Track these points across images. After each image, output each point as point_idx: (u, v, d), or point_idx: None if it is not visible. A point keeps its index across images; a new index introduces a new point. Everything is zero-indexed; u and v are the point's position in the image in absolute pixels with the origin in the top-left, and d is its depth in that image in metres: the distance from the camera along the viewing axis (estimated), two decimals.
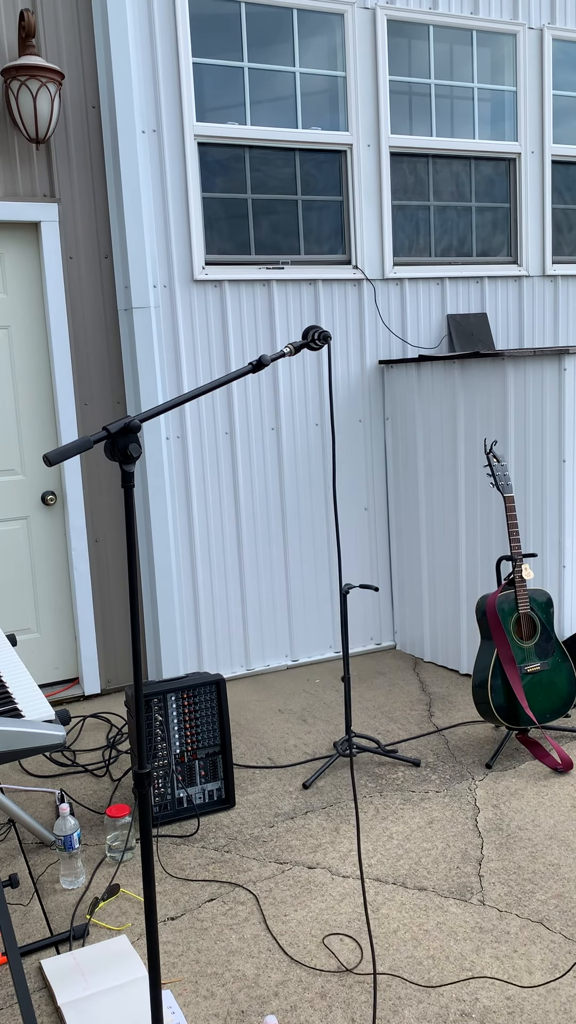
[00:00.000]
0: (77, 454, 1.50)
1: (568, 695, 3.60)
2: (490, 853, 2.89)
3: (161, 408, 1.62)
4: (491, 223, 5.16)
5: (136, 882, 2.85)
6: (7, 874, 2.91)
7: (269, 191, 4.52)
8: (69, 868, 2.82)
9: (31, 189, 4.10)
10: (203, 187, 4.34)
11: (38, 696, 2.26)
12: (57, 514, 4.39)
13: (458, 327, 4.98)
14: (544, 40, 5.08)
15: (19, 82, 3.81)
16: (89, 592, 4.40)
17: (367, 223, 4.72)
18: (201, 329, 4.37)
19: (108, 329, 4.31)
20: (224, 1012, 2.25)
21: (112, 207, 4.21)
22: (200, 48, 4.26)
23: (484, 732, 3.82)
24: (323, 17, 4.52)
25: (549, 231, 5.27)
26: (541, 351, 3.89)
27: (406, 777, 3.45)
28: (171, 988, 2.35)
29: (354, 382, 4.78)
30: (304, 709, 4.19)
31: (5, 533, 4.30)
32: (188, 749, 3.17)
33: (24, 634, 4.38)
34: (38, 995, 2.35)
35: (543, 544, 4.05)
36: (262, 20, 4.38)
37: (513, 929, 2.51)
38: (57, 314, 4.18)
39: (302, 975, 2.37)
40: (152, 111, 4.15)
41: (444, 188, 4.98)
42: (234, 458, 4.51)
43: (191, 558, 4.48)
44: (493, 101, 5.07)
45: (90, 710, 4.29)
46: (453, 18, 4.82)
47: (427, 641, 4.76)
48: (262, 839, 3.06)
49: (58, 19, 4.05)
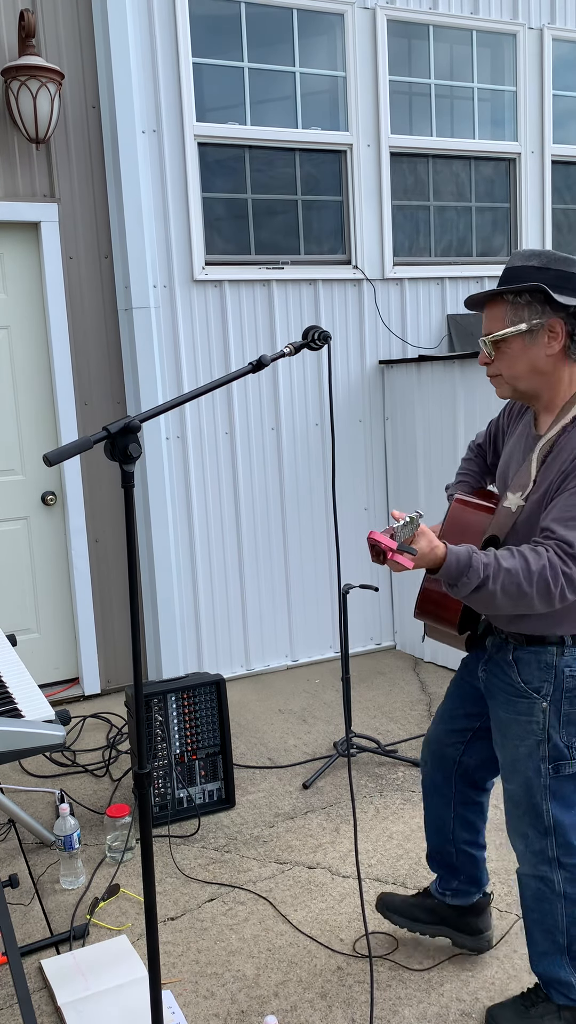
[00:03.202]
0: (77, 454, 1.49)
1: None
2: (490, 853, 2.89)
3: (161, 408, 1.62)
4: (491, 223, 5.16)
5: (136, 882, 2.85)
6: (7, 874, 2.91)
7: (269, 191, 4.52)
8: (69, 868, 2.82)
9: (31, 189, 4.10)
10: (203, 187, 4.33)
11: (38, 696, 2.26)
12: (57, 514, 4.39)
13: (458, 327, 4.98)
14: (544, 40, 5.08)
15: (19, 82, 3.81)
16: (89, 592, 4.40)
17: (367, 223, 4.72)
18: (201, 329, 4.37)
19: (108, 329, 4.31)
20: (224, 1012, 2.25)
21: (112, 207, 4.21)
22: (200, 48, 4.26)
23: None
24: (323, 17, 4.52)
25: (549, 231, 5.27)
26: None
27: (406, 777, 3.44)
28: (171, 988, 2.35)
29: (354, 382, 4.78)
30: (304, 709, 4.19)
31: (5, 533, 4.30)
32: (188, 749, 3.17)
33: (24, 634, 4.38)
34: (38, 995, 2.35)
35: None
36: (262, 20, 4.38)
37: (513, 929, 2.51)
38: (57, 314, 4.18)
39: (302, 975, 2.37)
40: (152, 111, 4.15)
41: (444, 188, 4.98)
42: (234, 458, 4.51)
43: (191, 558, 4.47)
44: (493, 101, 5.07)
45: (90, 710, 4.29)
46: (453, 18, 4.82)
47: (427, 641, 4.76)
48: (262, 839, 3.06)
49: (58, 19, 4.05)
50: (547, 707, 1.91)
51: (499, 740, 2.03)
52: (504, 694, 1.99)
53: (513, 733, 1.97)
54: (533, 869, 2.01)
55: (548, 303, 1.81)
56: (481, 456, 2.25)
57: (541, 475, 1.86)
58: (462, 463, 2.28)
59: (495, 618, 1.98)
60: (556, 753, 1.92)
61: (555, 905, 1.99)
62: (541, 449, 1.88)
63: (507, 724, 1.98)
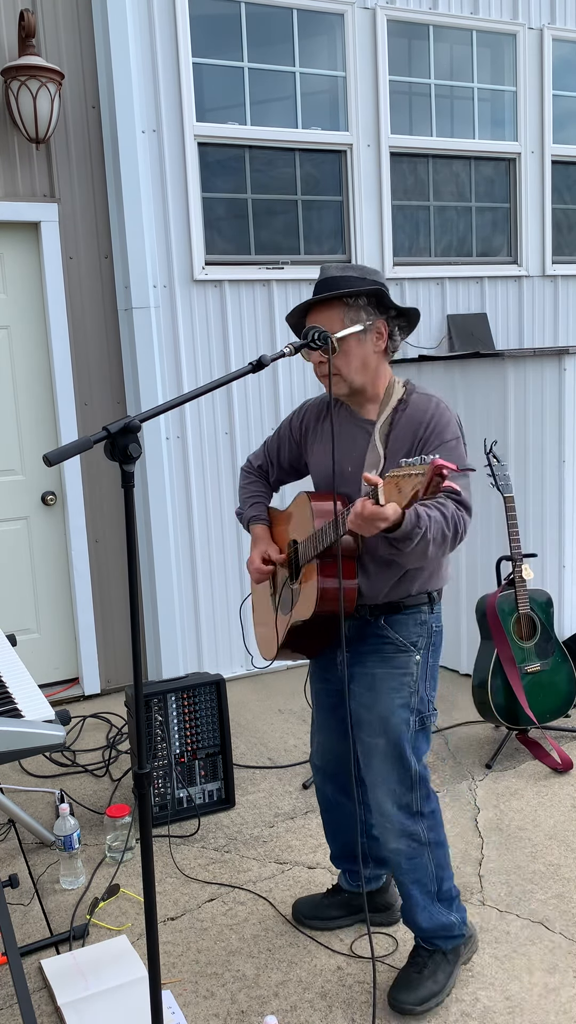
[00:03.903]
0: (77, 454, 1.49)
1: (568, 695, 3.60)
2: (490, 853, 2.89)
3: (161, 408, 1.62)
4: (491, 223, 5.16)
5: (136, 882, 2.85)
6: (7, 874, 2.91)
7: (269, 191, 4.52)
8: (69, 868, 2.82)
9: (31, 189, 4.10)
10: (203, 187, 4.33)
11: (38, 696, 2.26)
12: (57, 514, 4.39)
13: (458, 327, 4.98)
14: (544, 40, 5.08)
15: (19, 82, 3.81)
16: (89, 592, 4.40)
17: (367, 223, 4.72)
18: (201, 329, 4.37)
19: (108, 329, 4.31)
20: (224, 1012, 2.25)
21: (112, 207, 4.21)
22: (200, 48, 4.26)
23: (484, 732, 3.82)
24: (323, 17, 4.52)
25: (549, 231, 5.27)
26: (541, 351, 3.89)
27: None
28: (171, 988, 2.35)
29: None
30: (304, 709, 4.19)
31: (5, 533, 4.30)
32: (188, 749, 3.17)
33: (24, 634, 4.38)
34: (38, 995, 2.35)
35: (543, 544, 4.05)
36: (262, 20, 4.38)
37: (513, 929, 2.51)
38: (57, 314, 4.18)
39: (302, 975, 2.37)
40: (152, 111, 4.15)
41: (444, 188, 4.98)
42: (234, 458, 4.51)
43: (191, 558, 4.47)
44: (493, 101, 5.07)
45: (90, 710, 4.29)
46: (453, 18, 4.82)
47: None
48: (262, 839, 3.06)
49: (58, 19, 4.05)
50: (419, 659, 2.17)
51: (369, 700, 2.17)
52: (379, 654, 2.18)
53: (388, 687, 2.16)
54: (402, 831, 2.19)
55: (377, 306, 2.09)
56: (264, 476, 2.46)
57: (390, 451, 2.10)
58: (247, 487, 2.47)
59: (372, 595, 2.14)
60: (421, 705, 2.18)
61: (424, 856, 2.22)
62: (381, 430, 2.12)
63: (382, 679, 2.17)
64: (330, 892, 2.60)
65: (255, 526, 2.41)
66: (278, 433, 2.42)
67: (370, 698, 2.18)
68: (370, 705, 2.18)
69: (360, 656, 2.22)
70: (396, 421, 2.12)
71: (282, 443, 2.41)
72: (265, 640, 2.45)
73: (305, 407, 2.36)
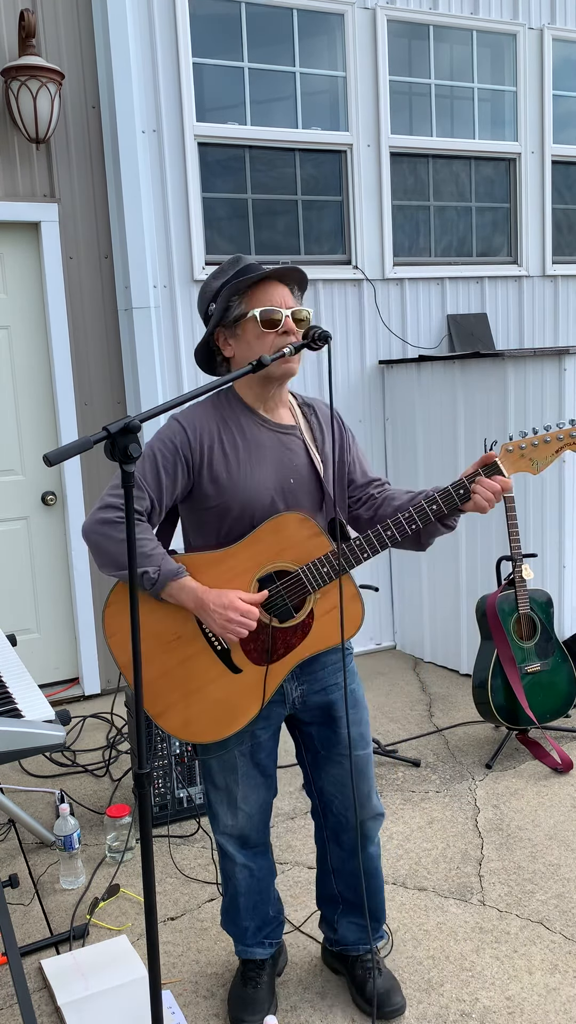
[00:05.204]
0: (77, 454, 1.49)
1: (568, 695, 3.60)
2: (490, 853, 2.89)
3: (161, 408, 1.62)
4: (491, 223, 5.16)
5: (136, 882, 2.85)
6: (7, 874, 2.91)
7: (269, 191, 4.52)
8: (69, 868, 2.82)
9: (31, 189, 4.10)
10: (203, 187, 4.33)
11: (38, 696, 2.26)
12: (57, 514, 4.39)
13: (458, 327, 4.99)
14: (544, 40, 5.08)
15: (19, 82, 3.81)
16: (89, 592, 4.40)
17: (367, 223, 4.72)
18: (201, 329, 4.37)
19: (108, 329, 4.31)
20: (224, 1012, 2.25)
21: (112, 207, 4.21)
22: (200, 48, 4.26)
23: (484, 732, 3.82)
24: (323, 17, 4.52)
25: (549, 231, 5.27)
26: (541, 351, 3.89)
27: (406, 777, 3.45)
28: (171, 988, 2.35)
29: (354, 382, 4.78)
30: None
31: (5, 533, 4.30)
32: (188, 749, 3.17)
33: (24, 634, 4.38)
34: (38, 995, 2.35)
35: (543, 544, 4.05)
36: (262, 20, 4.38)
37: (513, 929, 2.51)
38: (57, 314, 4.18)
39: (302, 975, 2.37)
40: (152, 111, 4.15)
41: (444, 188, 4.98)
42: None
43: None
44: (493, 101, 5.07)
45: (90, 710, 4.29)
46: (453, 18, 4.82)
47: (427, 641, 4.76)
48: None
49: (58, 19, 4.05)
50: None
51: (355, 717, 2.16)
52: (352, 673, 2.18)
53: (364, 703, 2.20)
54: (378, 814, 2.23)
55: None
56: (155, 513, 1.95)
57: (324, 455, 2.07)
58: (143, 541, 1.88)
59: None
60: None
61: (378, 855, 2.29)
62: (307, 435, 2.07)
63: (361, 695, 2.20)
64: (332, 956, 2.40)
65: (179, 580, 1.89)
66: (156, 464, 1.91)
67: (355, 714, 2.15)
68: (358, 721, 2.16)
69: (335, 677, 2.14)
70: (311, 424, 2.09)
71: (167, 474, 1.92)
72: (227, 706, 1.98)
73: (190, 423, 1.95)
